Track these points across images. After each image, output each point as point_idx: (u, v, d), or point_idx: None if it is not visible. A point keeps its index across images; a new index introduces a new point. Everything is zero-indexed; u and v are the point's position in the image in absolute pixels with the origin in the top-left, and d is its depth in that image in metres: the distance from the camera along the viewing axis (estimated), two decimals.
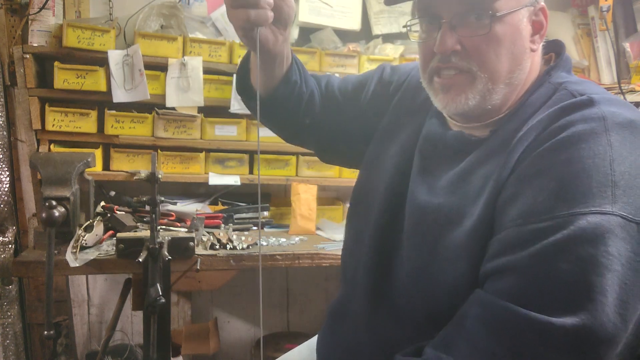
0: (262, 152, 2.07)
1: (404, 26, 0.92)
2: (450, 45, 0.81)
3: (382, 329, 0.90)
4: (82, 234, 1.57)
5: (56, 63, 1.85)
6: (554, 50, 0.92)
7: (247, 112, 2.00)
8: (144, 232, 1.60)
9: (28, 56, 1.82)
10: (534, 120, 0.79)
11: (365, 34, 2.27)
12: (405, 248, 0.88)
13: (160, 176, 1.34)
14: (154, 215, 1.33)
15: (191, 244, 1.55)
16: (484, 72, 0.81)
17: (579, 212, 0.67)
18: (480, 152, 0.84)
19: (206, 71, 1.97)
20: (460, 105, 0.84)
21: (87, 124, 1.90)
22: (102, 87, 1.89)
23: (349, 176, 2.11)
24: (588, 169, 0.69)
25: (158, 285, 1.30)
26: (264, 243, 1.77)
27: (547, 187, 0.71)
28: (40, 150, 1.88)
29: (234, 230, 1.85)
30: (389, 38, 2.25)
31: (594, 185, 0.68)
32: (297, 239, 1.86)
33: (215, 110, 2.02)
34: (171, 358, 1.52)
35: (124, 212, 1.75)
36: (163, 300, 1.28)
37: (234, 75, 1.96)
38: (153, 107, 1.95)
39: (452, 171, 0.86)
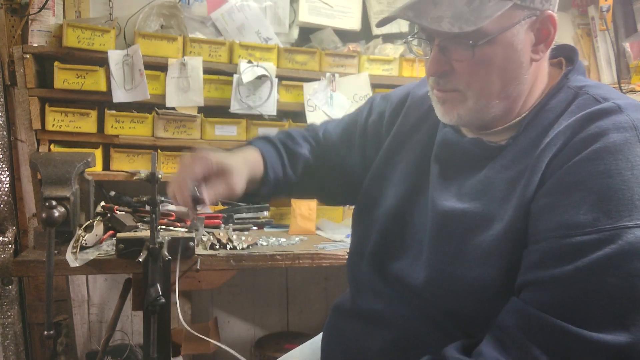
0: None
1: (404, 41, 0.94)
2: (439, 68, 0.83)
3: (394, 326, 0.90)
4: (82, 234, 1.57)
5: (56, 63, 1.85)
6: (564, 54, 0.91)
7: (247, 112, 2.01)
8: (144, 232, 1.60)
9: (28, 56, 1.82)
10: (560, 125, 0.79)
11: (365, 34, 2.27)
12: (426, 250, 0.88)
13: (160, 176, 1.34)
14: (154, 215, 1.33)
15: (191, 244, 1.55)
16: (473, 92, 0.83)
17: (625, 225, 0.68)
18: (503, 158, 0.84)
19: (206, 71, 1.97)
20: (454, 118, 0.86)
21: (87, 124, 1.90)
22: (102, 87, 1.89)
23: None
24: (628, 181, 0.69)
25: (158, 285, 1.30)
26: (264, 243, 1.77)
27: (588, 199, 0.71)
28: (40, 150, 1.88)
29: (234, 230, 1.85)
30: (389, 38, 2.25)
31: (636, 198, 0.69)
32: (297, 239, 1.86)
33: (215, 110, 2.02)
34: (171, 358, 1.52)
35: (124, 212, 1.75)
36: (163, 300, 1.28)
37: (234, 76, 1.97)
38: (153, 107, 1.95)
39: (475, 177, 0.86)
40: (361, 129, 1.12)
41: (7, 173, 1.97)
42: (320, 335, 1.14)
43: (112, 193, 2.00)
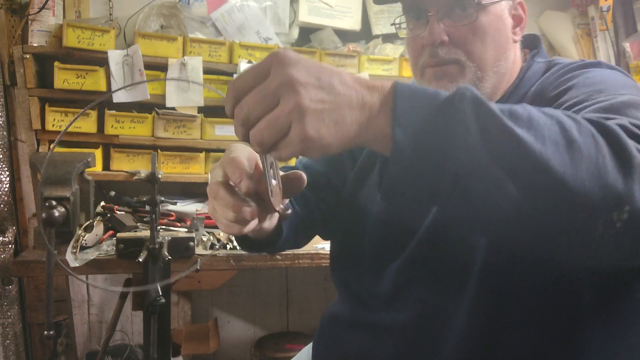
0: None
1: (392, 24, 0.93)
2: (438, 35, 0.83)
3: (402, 331, 0.86)
4: (82, 234, 1.57)
5: (56, 63, 1.85)
6: (529, 46, 0.96)
7: None
8: (144, 232, 1.60)
9: (28, 56, 1.82)
10: (535, 86, 0.85)
11: (365, 34, 2.27)
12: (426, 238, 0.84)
13: (160, 176, 1.34)
14: (154, 215, 1.33)
15: (191, 244, 1.55)
16: (472, 61, 0.84)
17: (620, 93, 0.69)
18: None
19: (206, 71, 1.97)
20: None
21: (87, 124, 1.90)
22: (102, 87, 1.89)
23: None
24: (607, 79, 0.75)
25: (158, 285, 1.30)
26: None
27: (579, 90, 0.74)
28: (40, 150, 1.88)
29: None
30: (389, 38, 2.25)
31: (620, 87, 0.72)
32: None
33: (215, 110, 2.02)
34: (171, 358, 1.52)
35: (124, 212, 1.75)
36: (163, 300, 1.29)
37: (234, 76, 1.97)
38: (153, 107, 1.95)
39: None
40: (349, 157, 1.02)
41: (7, 173, 1.97)
42: (306, 349, 1.11)
43: (112, 193, 2.00)
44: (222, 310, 2.41)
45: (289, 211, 0.64)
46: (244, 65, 1.97)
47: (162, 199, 1.38)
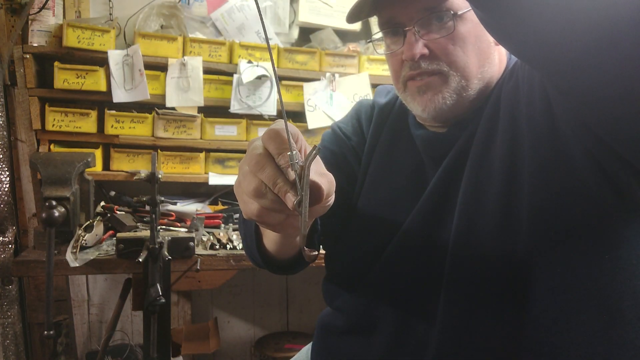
0: None
1: (369, 41, 0.92)
2: (417, 50, 0.82)
3: (391, 323, 0.86)
4: (82, 234, 1.58)
5: (56, 63, 1.85)
6: None
7: (247, 112, 2.01)
8: (144, 232, 1.60)
9: (28, 56, 1.82)
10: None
11: (365, 34, 2.27)
12: (453, 244, 0.82)
13: (160, 176, 1.35)
14: (154, 215, 1.33)
15: (191, 244, 1.56)
16: (455, 70, 0.82)
17: None
18: (484, 118, 0.84)
19: (206, 71, 1.97)
20: (439, 104, 0.83)
21: (87, 124, 1.90)
22: (102, 87, 1.89)
23: None
24: None
25: (158, 285, 1.31)
26: None
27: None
28: (40, 150, 1.88)
29: (234, 230, 1.85)
30: None
31: None
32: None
33: (215, 110, 2.02)
34: (171, 358, 1.52)
35: (124, 212, 1.75)
36: (163, 300, 1.29)
37: (234, 76, 1.97)
38: (153, 107, 1.95)
39: (471, 159, 0.84)
40: (354, 158, 1.00)
41: (7, 173, 1.97)
42: (306, 349, 1.11)
43: (112, 193, 2.00)
44: (222, 310, 2.41)
45: (315, 252, 0.55)
46: (244, 65, 1.97)
47: (162, 199, 1.39)
